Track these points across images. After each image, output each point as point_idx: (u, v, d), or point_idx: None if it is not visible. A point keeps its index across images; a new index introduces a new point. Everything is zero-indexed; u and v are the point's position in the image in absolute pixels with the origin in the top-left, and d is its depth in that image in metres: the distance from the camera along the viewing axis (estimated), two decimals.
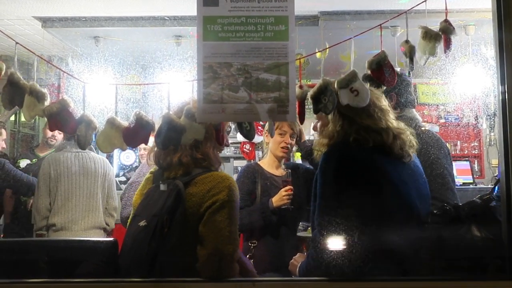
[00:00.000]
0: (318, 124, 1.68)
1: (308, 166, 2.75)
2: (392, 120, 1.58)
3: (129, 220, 1.70)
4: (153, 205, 1.51)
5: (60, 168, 3.18)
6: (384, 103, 1.60)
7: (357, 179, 1.49)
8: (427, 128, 2.14)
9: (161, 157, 1.59)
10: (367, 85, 1.50)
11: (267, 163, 2.62)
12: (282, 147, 2.53)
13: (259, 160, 2.74)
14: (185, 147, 1.54)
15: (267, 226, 2.41)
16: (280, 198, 2.40)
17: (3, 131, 3.80)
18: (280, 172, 2.58)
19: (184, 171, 1.56)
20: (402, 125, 1.61)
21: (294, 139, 2.59)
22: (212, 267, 1.44)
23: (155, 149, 1.60)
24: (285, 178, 2.47)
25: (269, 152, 2.61)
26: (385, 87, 1.76)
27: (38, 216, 3.17)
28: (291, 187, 2.41)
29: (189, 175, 1.55)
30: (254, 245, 2.42)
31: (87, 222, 3.19)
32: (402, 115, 2.09)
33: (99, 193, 3.27)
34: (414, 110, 2.24)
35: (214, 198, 1.49)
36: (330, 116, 1.55)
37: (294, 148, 2.94)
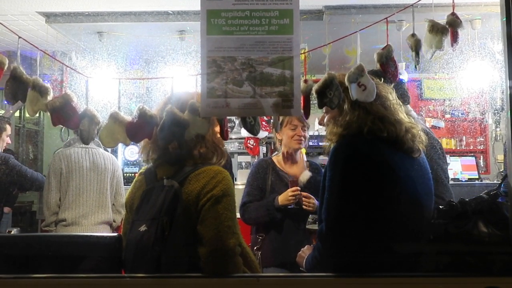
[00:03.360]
0: (326, 117, 1.66)
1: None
2: (404, 114, 1.60)
3: (123, 224, 1.70)
4: (150, 208, 1.50)
5: (72, 164, 3.19)
6: (395, 97, 1.61)
7: (366, 173, 1.48)
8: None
9: (155, 150, 1.59)
10: (375, 80, 1.48)
11: (281, 159, 2.65)
12: (295, 140, 2.56)
13: (273, 156, 2.77)
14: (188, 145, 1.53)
15: (272, 222, 2.46)
16: (286, 198, 2.43)
17: (8, 126, 3.81)
18: (294, 170, 2.58)
19: (177, 168, 1.55)
20: (412, 120, 1.63)
21: (306, 131, 2.62)
22: (215, 264, 1.43)
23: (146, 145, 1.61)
24: (293, 178, 2.51)
25: (283, 147, 2.63)
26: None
27: (48, 211, 3.17)
28: (299, 188, 2.44)
29: (183, 173, 1.53)
30: (261, 238, 2.48)
31: (97, 217, 3.21)
32: None
33: (109, 189, 3.29)
34: (409, 106, 2.31)
35: (208, 195, 1.47)
36: (346, 107, 1.54)
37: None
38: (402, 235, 1.49)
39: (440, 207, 1.56)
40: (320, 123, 1.74)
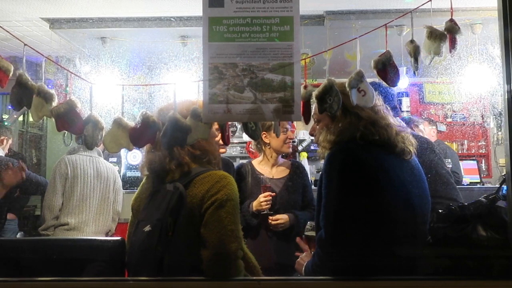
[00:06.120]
0: (318, 126, 1.69)
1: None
2: (393, 119, 1.65)
3: (129, 226, 1.71)
4: (155, 210, 1.52)
5: (78, 170, 3.23)
6: (382, 103, 1.65)
7: (362, 178, 1.50)
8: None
9: (157, 164, 1.61)
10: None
11: (262, 163, 2.63)
12: (287, 143, 2.57)
13: (253, 160, 2.75)
14: (178, 151, 1.56)
15: (250, 228, 2.45)
16: (258, 203, 2.42)
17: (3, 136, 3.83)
18: (274, 171, 2.58)
19: (182, 171, 1.57)
20: (401, 123, 1.68)
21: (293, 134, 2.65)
22: (217, 267, 1.45)
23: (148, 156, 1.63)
24: (265, 183, 2.50)
25: (270, 151, 2.60)
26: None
27: (50, 214, 3.17)
28: (270, 193, 2.43)
29: (188, 176, 1.55)
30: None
31: (97, 225, 3.24)
32: None
33: (111, 197, 3.32)
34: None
35: (213, 198, 1.50)
36: (338, 114, 1.56)
37: (300, 148, 2.96)
38: (400, 237, 1.50)
39: (440, 210, 1.57)
40: (311, 134, 1.75)
